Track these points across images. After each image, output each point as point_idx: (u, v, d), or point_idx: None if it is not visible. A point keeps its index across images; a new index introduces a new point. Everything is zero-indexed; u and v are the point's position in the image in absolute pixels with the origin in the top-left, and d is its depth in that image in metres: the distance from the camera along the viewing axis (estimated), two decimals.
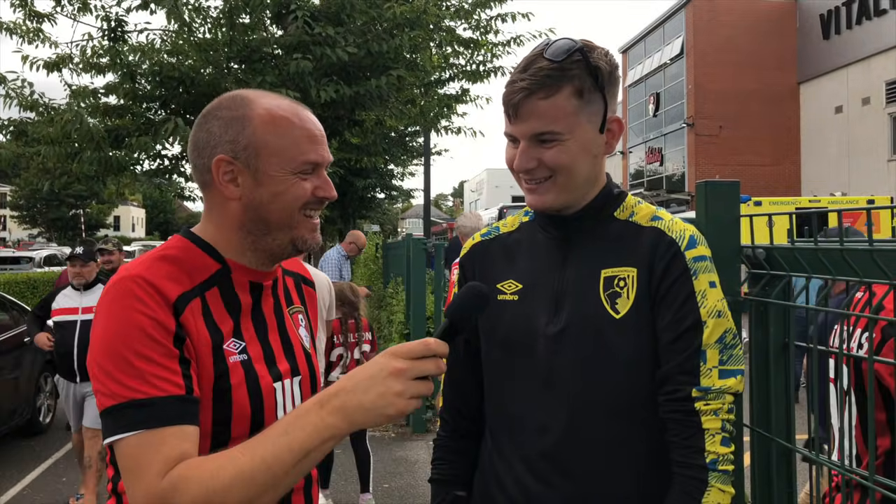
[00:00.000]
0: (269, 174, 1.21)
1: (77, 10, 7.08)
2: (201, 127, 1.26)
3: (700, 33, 30.20)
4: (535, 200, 1.35)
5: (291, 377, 1.29)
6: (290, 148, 1.21)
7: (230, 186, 1.22)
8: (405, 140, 14.83)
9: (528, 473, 1.36)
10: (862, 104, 26.49)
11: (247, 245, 1.25)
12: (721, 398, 1.24)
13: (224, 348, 1.17)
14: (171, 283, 1.14)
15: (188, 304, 1.14)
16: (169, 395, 1.06)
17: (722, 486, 1.23)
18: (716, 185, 1.52)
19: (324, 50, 6.51)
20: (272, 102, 1.25)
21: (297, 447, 1.03)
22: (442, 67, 8.67)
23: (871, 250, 1.18)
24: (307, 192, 1.23)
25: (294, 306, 1.39)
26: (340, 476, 5.59)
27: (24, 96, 7.07)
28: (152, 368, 1.06)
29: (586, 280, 1.34)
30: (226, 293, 1.22)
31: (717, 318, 1.27)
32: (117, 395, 1.06)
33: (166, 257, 1.19)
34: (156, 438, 1.04)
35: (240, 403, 1.16)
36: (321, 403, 1.06)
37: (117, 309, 1.10)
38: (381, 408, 1.03)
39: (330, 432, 1.04)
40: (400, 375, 1.04)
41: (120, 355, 1.07)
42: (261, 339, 1.25)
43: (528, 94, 1.28)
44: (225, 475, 1.02)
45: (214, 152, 1.22)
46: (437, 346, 1.06)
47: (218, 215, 1.26)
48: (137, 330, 1.08)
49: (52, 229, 49.98)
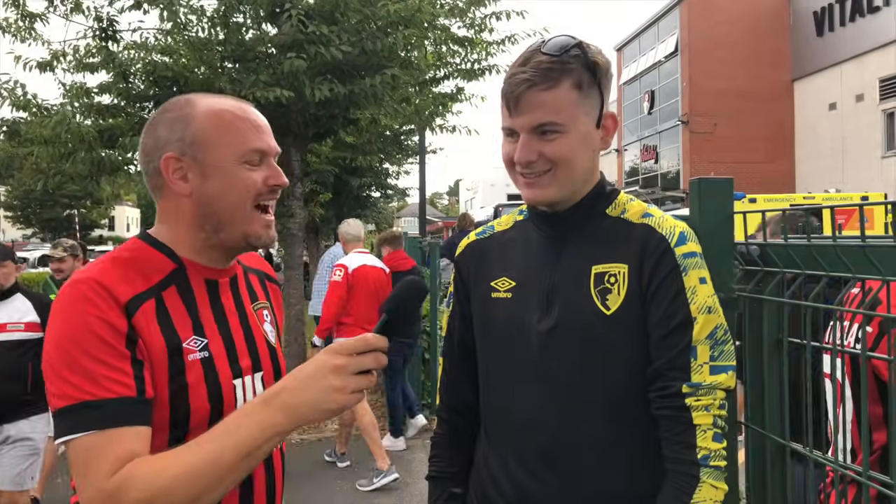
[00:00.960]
0: (217, 166, 1.23)
1: (69, 11, 7.05)
2: (148, 133, 1.29)
3: (694, 31, 30.25)
4: (534, 194, 1.35)
5: (253, 373, 1.30)
6: (235, 137, 1.24)
7: (180, 183, 1.25)
8: (400, 139, 14.80)
9: (521, 469, 1.36)
10: (856, 101, 26.57)
11: (201, 242, 1.27)
12: (712, 394, 1.25)
13: (183, 346, 1.19)
14: (124, 284, 1.16)
15: (141, 306, 1.16)
16: (120, 397, 1.08)
17: (714, 481, 1.23)
18: (709, 183, 1.53)
19: (318, 49, 6.49)
20: (214, 100, 1.29)
21: (241, 445, 1.06)
22: (436, 66, 8.66)
23: (863, 246, 1.18)
24: (257, 182, 1.25)
25: (259, 302, 1.41)
26: (336, 474, 5.59)
27: (16, 96, 7.04)
28: (103, 370, 1.08)
29: (577, 276, 1.34)
30: (183, 291, 1.24)
31: (708, 313, 1.28)
32: (69, 396, 1.08)
33: (120, 259, 1.22)
34: (105, 439, 1.06)
35: (198, 401, 1.18)
36: (266, 402, 1.09)
37: (69, 312, 1.12)
38: (323, 403, 1.07)
39: (274, 430, 1.07)
40: (340, 371, 1.07)
41: (71, 357, 1.08)
42: (223, 335, 1.27)
43: (529, 86, 1.28)
44: (169, 473, 1.04)
45: (162, 153, 1.25)
46: (375, 341, 1.10)
47: (172, 215, 1.28)
48: (89, 332, 1.09)
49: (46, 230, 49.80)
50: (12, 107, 7.10)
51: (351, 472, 5.63)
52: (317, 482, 5.44)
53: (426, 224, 16.72)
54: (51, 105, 7.22)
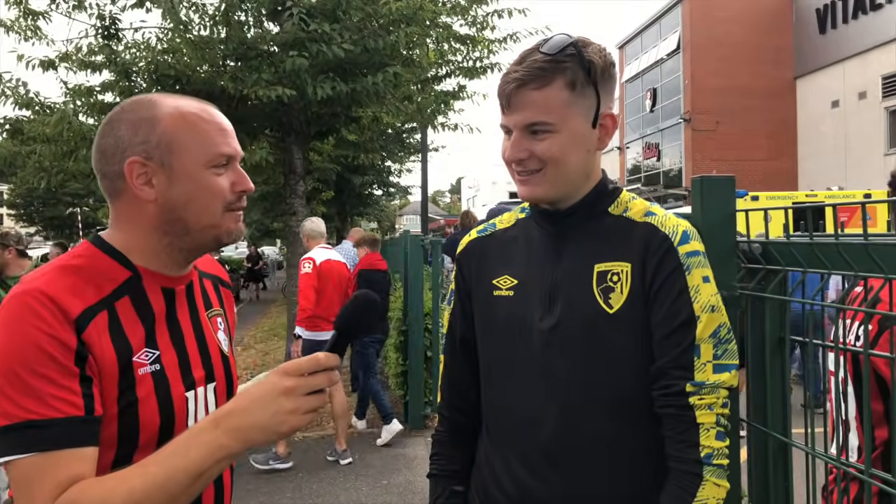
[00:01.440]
0: (184, 171, 1.19)
1: (72, 8, 7.06)
2: (107, 133, 1.22)
3: (696, 28, 30.19)
4: (526, 192, 1.36)
5: (206, 384, 1.27)
6: (202, 141, 1.20)
7: (145, 189, 1.19)
8: (402, 137, 14.80)
9: (522, 468, 1.36)
10: (859, 98, 26.51)
11: (162, 247, 1.22)
12: (715, 392, 1.25)
13: (134, 360, 1.14)
14: (74, 297, 1.09)
15: (93, 319, 1.10)
16: (66, 417, 1.03)
17: (717, 480, 1.23)
18: (711, 181, 1.52)
19: (320, 47, 6.49)
20: (179, 101, 1.24)
21: (190, 468, 1.03)
22: (438, 64, 8.65)
23: (866, 244, 1.18)
24: (226, 189, 1.22)
25: (213, 309, 1.37)
26: (339, 473, 5.60)
27: (19, 94, 7.05)
28: (49, 388, 1.03)
29: (579, 275, 1.34)
30: (137, 301, 1.18)
31: (711, 312, 1.28)
32: (12, 414, 1.02)
33: (71, 267, 1.15)
34: (49, 461, 1.01)
35: (147, 415, 1.14)
36: (216, 422, 1.06)
37: (13, 325, 1.05)
38: (274, 426, 1.05)
39: (223, 452, 1.05)
40: (291, 393, 1.05)
41: (15, 374, 1.02)
42: (176, 346, 1.22)
43: (520, 85, 1.29)
44: (116, 498, 1.01)
45: (125, 156, 1.18)
46: (326, 360, 1.07)
47: (131, 221, 1.22)
48: (35, 348, 1.03)
49: (48, 228, 49.86)
50: (15, 105, 7.11)
51: (353, 470, 5.64)
52: (321, 481, 5.45)
53: (428, 222, 16.71)
54: (53, 103, 7.23)
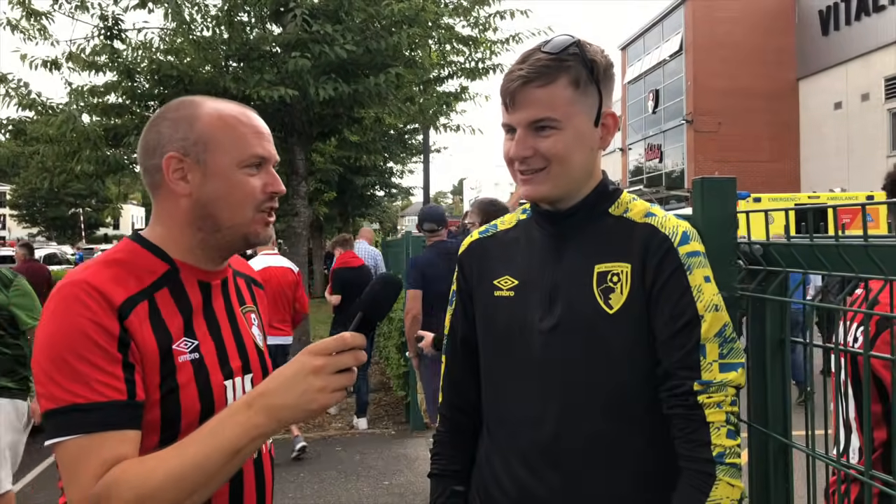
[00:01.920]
0: (218, 169, 1.24)
1: (75, 9, 7.08)
2: (150, 130, 1.29)
3: (699, 29, 30.18)
4: (529, 191, 1.36)
5: (243, 374, 1.31)
6: (237, 142, 1.26)
7: (180, 183, 1.25)
8: (404, 138, 14.82)
9: (522, 467, 1.36)
10: (861, 100, 26.49)
11: (196, 242, 1.28)
12: (723, 391, 1.24)
13: (173, 348, 1.19)
14: (117, 286, 1.15)
15: (134, 308, 1.15)
16: (110, 401, 1.08)
17: (730, 479, 1.21)
18: (712, 182, 1.52)
19: (322, 48, 6.50)
20: (219, 103, 1.30)
21: (226, 447, 1.06)
22: (441, 65, 8.67)
23: (866, 246, 1.18)
24: (257, 189, 1.27)
25: (246, 306, 1.42)
26: (341, 473, 5.61)
27: (23, 95, 7.07)
28: (94, 373, 1.08)
29: (579, 275, 1.34)
30: (176, 293, 1.24)
31: (715, 311, 1.28)
32: (59, 398, 1.07)
33: (113, 261, 1.21)
34: (94, 442, 1.06)
35: (188, 402, 1.18)
36: (249, 404, 1.09)
37: (61, 314, 1.11)
38: (304, 404, 1.08)
39: (257, 431, 1.08)
40: (319, 372, 1.08)
41: (62, 360, 1.08)
42: (213, 336, 1.28)
43: (525, 83, 1.30)
44: (156, 477, 1.04)
45: (164, 151, 1.25)
46: (352, 340, 1.11)
47: (168, 215, 1.28)
48: (81, 335, 1.09)
49: (51, 228, 49.96)
50: (18, 106, 7.14)
51: (355, 471, 5.65)
52: (322, 481, 5.45)
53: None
54: (56, 104, 7.25)
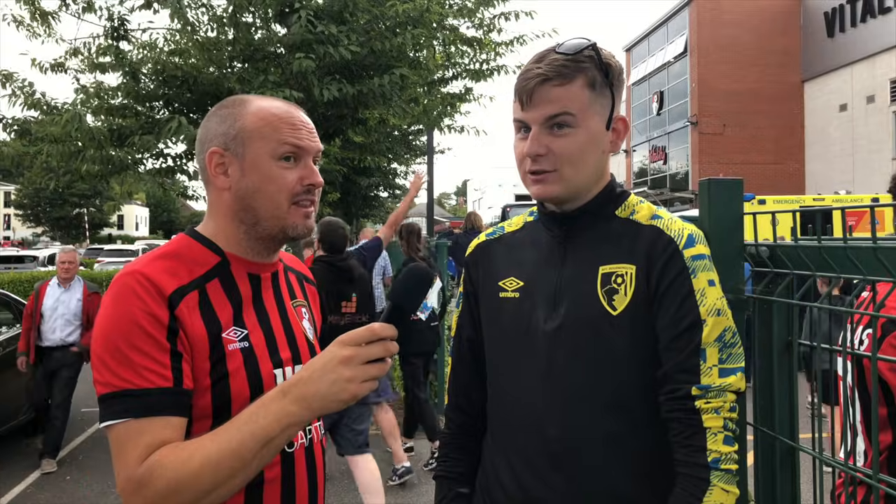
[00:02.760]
0: (254, 161, 1.28)
1: (81, 10, 7.09)
2: (202, 126, 1.35)
3: (704, 31, 30.15)
4: (540, 190, 1.36)
5: (293, 365, 1.34)
6: (273, 134, 1.29)
7: (221, 177, 1.30)
8: (408, 139, 14.84)
9: (526, 470, 1.36)
10: (867, 102, 26.43)
11: (241, 235, 1.32)
12: (722, 396, 1.24)
13: (223, 336, 1.23)
14: (169, 277, 1.20)
15: (184, 298, 1.20)
16: (157, 387, 1.13)
17: (725, 485, 1.21)
18: (719, 184, 1.52)
19: (327, 48, 6.51)
20: (266, 101, 1.34)
21: (260, 434, 1.09)
22: (445, 66, 8.66)
23: (874, 248, 1.18)
24: (292, 182, 1.30)
25: (297, 300, 1.45)
26: (344, 474, 5.60)
27: (28, 94, 7.09)
28: (144, 361, 1.13)
29: (584, 276, 1.34)
30: (226, 284, 1.29)
31: (717, 316, 1.27)
32: (110, 384, 1.13)
33: (167, 254, 1.27)
34: (141, 427, 1.11)
35: (238, 389, 1.22)
36: (283, 392, 1.12)
37: (117, 303, 1.16)
38: (335, 394, 1.10)
39: (290, 419, 1.10)
40: (349, 362, 1.10)
41: (116, 347, 1.13)
42: (263, 327, 1.31)
43: (543, 80, 1.30)
44: (194, 462, 1.08)
45: (209, 146, 1.31)
46: (382, 330, 1.12)
47: (215, 209, 1.34)
48: (133, 323, 1.14)
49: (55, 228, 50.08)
50: (23, 105, 7.15)
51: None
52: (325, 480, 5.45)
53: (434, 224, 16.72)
54: (60, 104, 7.27)
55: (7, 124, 7.60)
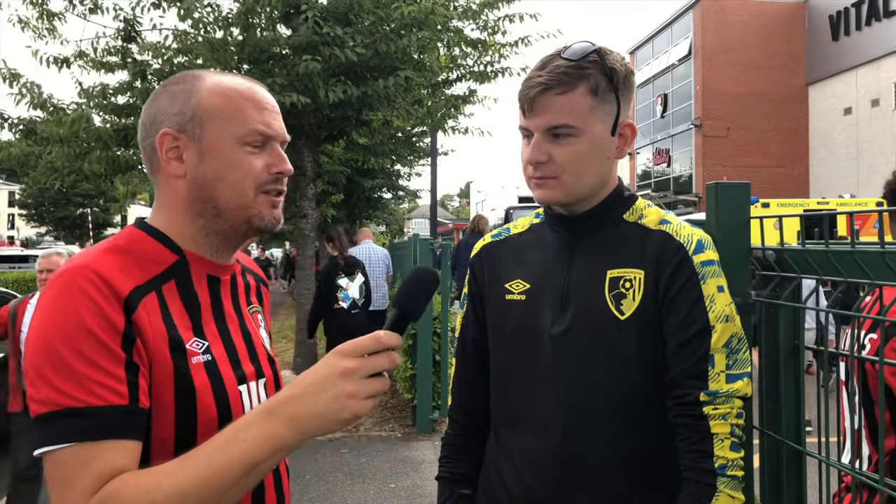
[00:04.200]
0: (215, 145, 1.12)
1: (88, 11, 7.12)
2: (149, 105, 1.17)
3: (708, 34, 30.13)
4: (542, 195, 1.36)
5: (257, 379, 1.19)
6: (237, 116, 1.13)
7: (174, 163, 1.13)
8: (412, 140, 14.84)
9: (529, 471, 1.36)
10: (871, 106, 26.38)
11: (197, 230, 1.15)
12: (730, 402, 1.24)
13: (187, 348, 1.07)
14: (123, 275, 1.02)
15: (142, 300, 1.03)
16: (109, 405, 0.95)
17: (731, 491, 1.22)
18: (726, 187, 1.52)
19: (332, 50, 6.52)
20: (223, 77, 1.18)
21: (243, 460, 0.94)
22: (449, 68, 8.67)
23: (882, 252, 1.17)
24: (258, 168, 1.14)
25: (253, 306, 1.31)
26: (347, 476, 5.60)
27: (34, 94, 7.12)
28: (93, 373, 0.95)
29: (592, 280, 1.34)
30: (183, 287, 1.12)
31: (725, 322, 1.28)
32: (51, 401, 0.94)
33: (118, 248, 1.08)
34: (89, 452, 0.93)
35: (205, 408, 1.06)
36: (268, 413, 0.96)
37: (59, 304, 0.97)
38: (334, 413, 0.94)
39: (278, 443, 0.95)
40: (351, 375, 0.94)
41: (58, 356, 0.95)
42: (224, 338, 1.15)
43: (544, 89, 1.29)
44: (161, 492, 0.92)
45: (159, 128, 1.13)
46: (387, 339, 0.97)
47: (166, 201, 1.16)
48: (80, 328, 0.96)
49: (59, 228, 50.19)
50: (29, 105, 7.18)
51: (361, 473, 5.64)
52: (328, 483, 5.45)
53: (437, 226, 16.72)
54: (66, 105, 7.29)
55: (13, 124, 7.63)
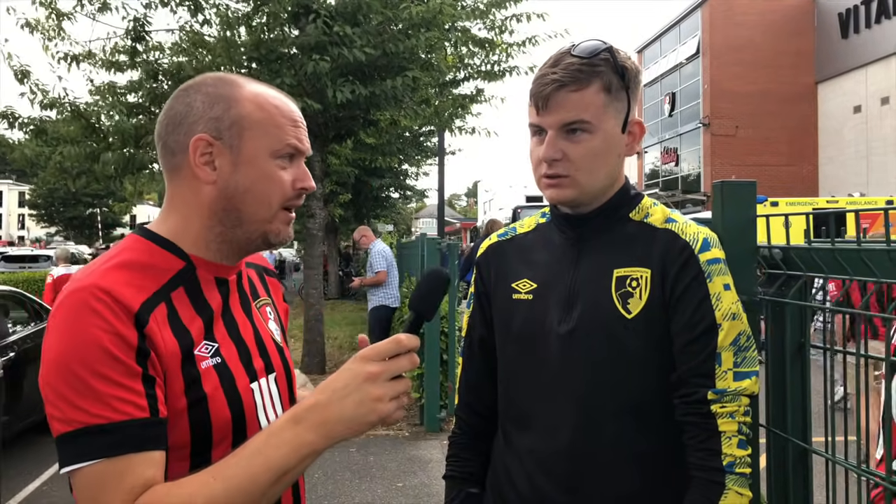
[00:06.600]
0: (251, 157, 1.13)
1: (97, 10, 7.16)
2: (180, 99, 1.16)
3: (716, 32, 29.99)
4: (554, 194, 1.36)
5: (267, 374, 1.21)
6: (275, 130, 1.15)
7: (206, 169, 1.13)
8: (420, 140, 14.87)
9: (538, 471, 1.37)
10: (881, 104, 26.21)
11: (213, 236, 1.16)
12: (737, 400, 1.25)
13: (195, 353, 1.08)
14: (132, 290, 1.03)
15: (152, 312, 1.04)
16: (131, 419, 0.97)
17: (739, 489, 1.23)
18: (732, 186, 1.52)
19: (341, 50, 6.54)
20: (260, 87, 1.19)
21: (273, 467, 0.98)
22: (457, 67, 8.68)
23: (888, 250, 1.18)
24: (286, 184, 1.16)
25: (261, 299, 1.31)
26: (355, 474, 5.62)
27: (45, 92, 7.16)
28: (112, 390, 0.96)
29: (598, 279, 1.35)
30: (192, 292, 1.13)
31: (732, 320, 1.28)
32: (74, 420, 0.96)
33: (125, 263, 1.09)
34: (117, 467, 0.95)
35: (218, 410, 1.08)
36: (296, 419, 1.00)
37: (71, 324, 0.99)
38: (362, 416, 0.99)
39: (308, 449, 0.99)
40: (376, 379, 1.00)
41: (75, 376, 0.96)
42: (234, 338, 1.17)
43: (559, 86, 1.30)
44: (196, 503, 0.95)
45: (194, 129, 1.13)
46: (408, 342, 1.03)
47: (184, 202, 1.16)
48: (95, 347, 0.97)
49: (69, 228, 50.49)
50: (40, 105, 7.23)
51: (368, 472, 5.66)
52: (336, 482, 5.46)
53: (444, 225, 16.72)
54: (81, 103, 7.34)
55: (23, 123, 7.68)
